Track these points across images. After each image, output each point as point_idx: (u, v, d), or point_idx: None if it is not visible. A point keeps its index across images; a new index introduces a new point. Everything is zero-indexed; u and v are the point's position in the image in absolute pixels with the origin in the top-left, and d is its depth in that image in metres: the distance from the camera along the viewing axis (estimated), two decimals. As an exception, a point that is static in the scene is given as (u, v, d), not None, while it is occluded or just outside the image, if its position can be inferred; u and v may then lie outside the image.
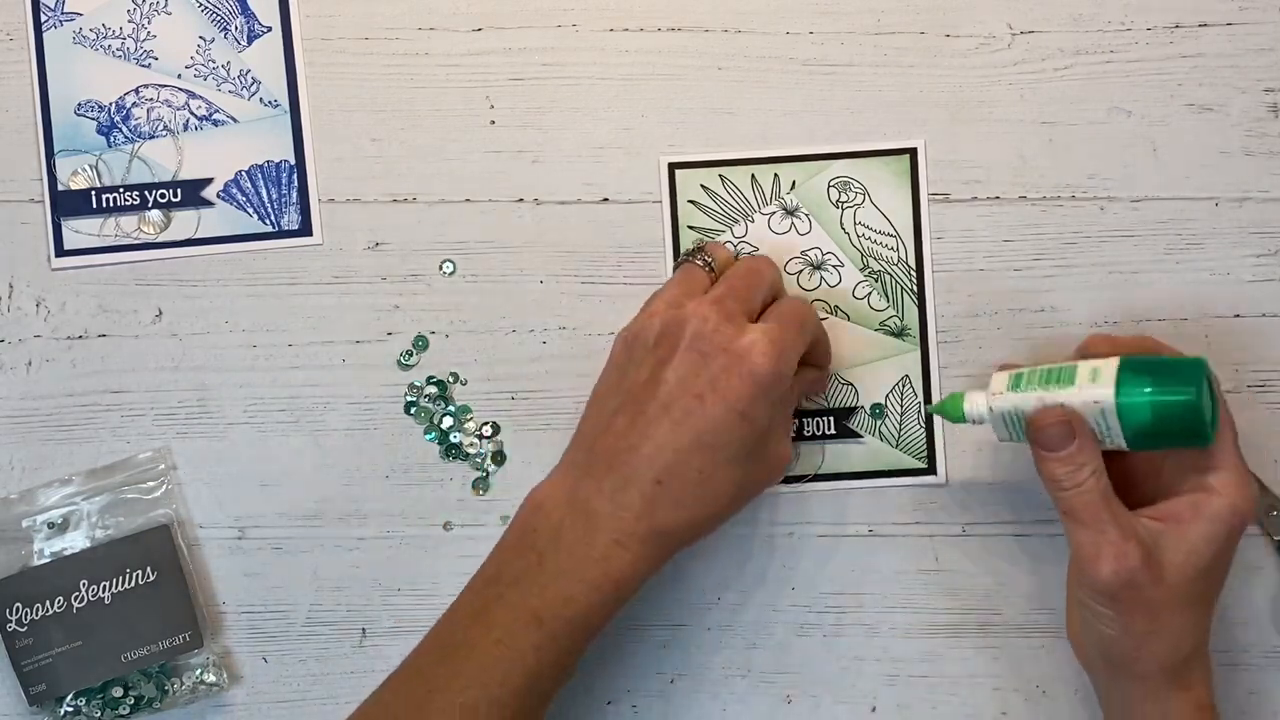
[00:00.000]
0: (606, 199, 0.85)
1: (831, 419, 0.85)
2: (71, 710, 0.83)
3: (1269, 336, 0.85)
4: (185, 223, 0.85)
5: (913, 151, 0.85)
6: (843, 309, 0.85)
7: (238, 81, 0.85)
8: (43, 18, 0.85)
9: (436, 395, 0.85)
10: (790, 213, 0.85)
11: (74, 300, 0.85)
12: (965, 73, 0.85)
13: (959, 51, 0.85)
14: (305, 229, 0.85)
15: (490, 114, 0.85)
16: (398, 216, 0.85)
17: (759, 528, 0.85)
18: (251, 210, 0.85)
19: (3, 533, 0.84)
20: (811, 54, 0.85)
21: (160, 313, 0.85)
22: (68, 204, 0.85)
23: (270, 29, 0.86)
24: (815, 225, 0.85)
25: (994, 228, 0.85)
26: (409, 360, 0.85)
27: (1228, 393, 0.83)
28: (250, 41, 0.86)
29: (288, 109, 0.85)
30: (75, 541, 0.84)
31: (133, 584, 0.83)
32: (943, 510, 0.85)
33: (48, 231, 0.85)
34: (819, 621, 0.85)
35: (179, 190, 0.85)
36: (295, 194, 0.85)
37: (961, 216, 0.85)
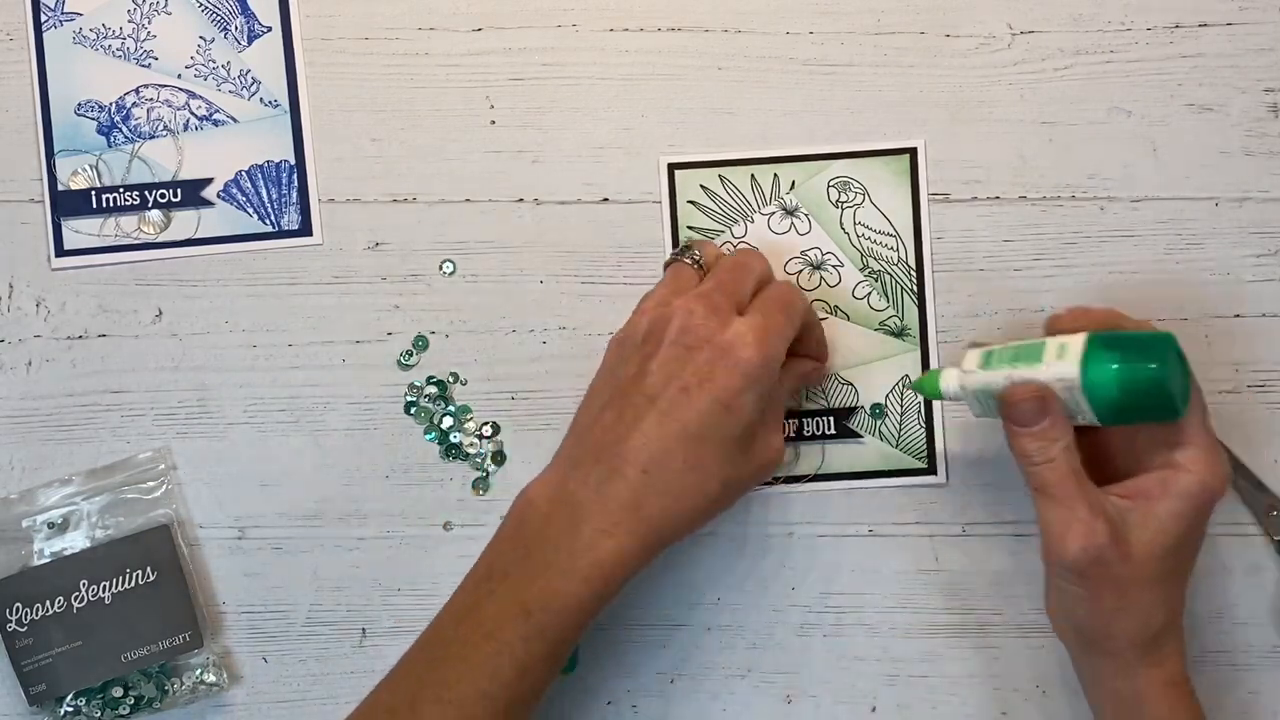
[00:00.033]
0: (606, 199, 0.85)
1: (831, 419, 0.85)
2: (71, 710, 0.83)
3: (1269, 336, 0.85)
4: (185, 223, 0.85)
5: (913, 151, 0.85)
6: (842, 309, 0.85)
7: (238, 81, 0.85)
8: (43, 18, 0.85)
9: (436, 395, 0.85)
10: (790, 213, 0.85)
11: (74, 300, 0.85)
12: (965, 73, 0.85)
13: (959, 51, 0.85)
14: (305, 229, 0.85)
15: (490, 114, 0.85)
16: (398, 216, 0.85)
17: (759, 528, 0.85)
18: (251, 210, 0.85)
19: (3, 533, 0.84)
20: (811, 54, 0.85)
21: (160, 313, 0.85)
22: (68, 204, 0.85)
23: (270, 29, 0.86)
24: (815, 225, 0.85)
25: (994, 228, 0.85)
26: (409, 360, 0.85)
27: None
28: (250, 41, 0.86)
29: (288, 109, 0.85)
30: (75, 541, 0.83)
31: (133, 584, 0.83)
32: (943, 510, 0.85)
33: (48, 231, 0.85)
34: (819, 621, 0.85)
35: (179, 190, 0.85)
36: (295, 194, 0.85)
37: (961, 216, 0.85)
